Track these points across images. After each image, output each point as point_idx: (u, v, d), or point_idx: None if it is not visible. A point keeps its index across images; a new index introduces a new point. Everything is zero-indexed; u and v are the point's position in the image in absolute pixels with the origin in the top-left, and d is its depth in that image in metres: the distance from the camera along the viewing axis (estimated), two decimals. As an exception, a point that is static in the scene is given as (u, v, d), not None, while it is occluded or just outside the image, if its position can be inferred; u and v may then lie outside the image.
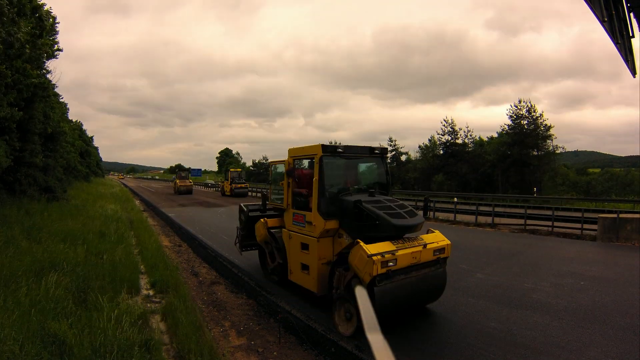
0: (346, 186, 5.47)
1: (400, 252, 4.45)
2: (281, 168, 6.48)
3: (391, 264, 4.31)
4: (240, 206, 7.57)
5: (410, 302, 4.79)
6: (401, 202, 5.16)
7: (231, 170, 32.20)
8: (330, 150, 5.22)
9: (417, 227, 4.82)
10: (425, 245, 4.77)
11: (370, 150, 5.70)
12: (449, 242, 5.10)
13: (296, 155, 5.80)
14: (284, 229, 5.98)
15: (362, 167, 6.07)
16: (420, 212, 5.34)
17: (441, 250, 4.97)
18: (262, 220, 6.59)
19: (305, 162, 6.15)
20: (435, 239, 5.06)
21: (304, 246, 5.38)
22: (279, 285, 6.32)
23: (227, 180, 30.33)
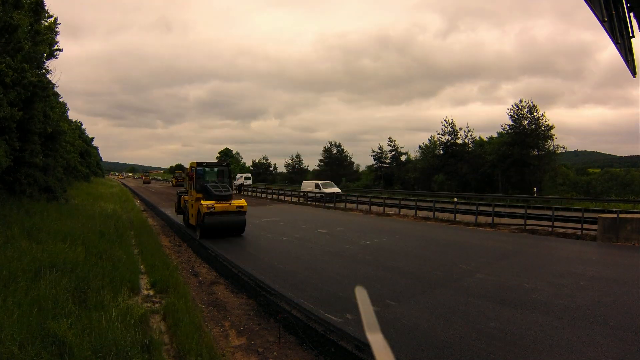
0: (205, 179, 12.29)
1: (217, 204, 10.84)
2: (190, 168, 12.97)
3: (211, 208, 10.71)
4: (177, 191, 15.39)
5: (223, 228, 11.06)
6: (227, 185, 11.89)
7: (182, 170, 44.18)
8: (199, 164, 12.38)
9: (228, 196, 11.36)
10: (230, 203, 11.15)
11: (220, 164, 13.24)
12: (246, 203, 11.46)
13: (191, 165, 12.58)
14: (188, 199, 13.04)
15: (215, 170, 12.91)
16: (234, 191, 12.86)
17: (241, 207, 11.27)
18: (183, 197, 14.07)
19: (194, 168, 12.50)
20: (240, 202, 11.35)
21: (191, 205, 12.27)
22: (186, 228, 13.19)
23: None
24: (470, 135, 39.26)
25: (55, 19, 14.35)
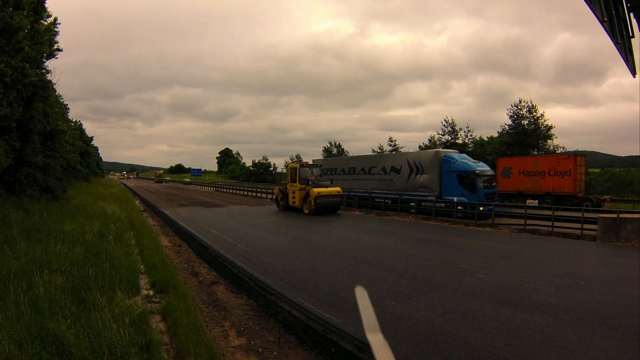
0: (309, 177, 18.12)
1: (324, 190, 17.28)
2: (291, 168, 19.08)
3: (320, 192, 17.04)
4: (278, 187, 20.37)
5: (328, 206, 17.31)
6: (327, 180, 19.23)
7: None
8: (301, 164, 19.04)
9: (327, 185, 18.03)
10: (330, 190, 17.64)
11: (315, 165, 20.13)
12: (340, 189, 18.30)
13: (292, 166, 19.25)
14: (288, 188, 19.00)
15: (315, 170, 19.07)
16: (330, 182, 19.16)
17: (338, 191, 17.92)
18: (280, 188, 20.02)
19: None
20: (337, 188, 18.03)
21: (293, 193, 18.30)
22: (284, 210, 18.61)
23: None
24: (471, 135, 39.31)
25: (55, 18, 14.35)
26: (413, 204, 17.45)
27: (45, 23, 13.31)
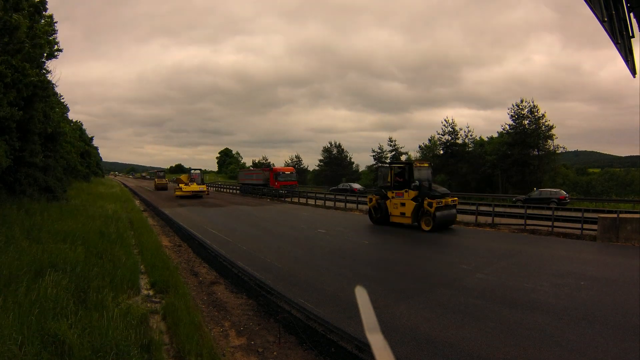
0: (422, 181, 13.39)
1: (443, 200, 12.61)
2: (396, 167, 14.47)
3: (440, 203, 12.42)
4: (372, 197, 14.74)
5: (446, 220, 12.82)
6: (444, 188, 13.94)
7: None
8: (414, 163, 13.93)
9: (447, 195, 13.07)
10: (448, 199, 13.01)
11: (430, 165, 14.65)
12: (456, 198, 14.15)
13: (399, 165, 15.44)
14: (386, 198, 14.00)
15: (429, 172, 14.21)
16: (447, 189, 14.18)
17: (454, 200, 13.41)
18: (374, 196, 14.71)
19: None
20: (453, 198, 13.58)
21: (402, 204, 13.31)
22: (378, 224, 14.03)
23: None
24: (471, 135, 39.29)
25: (51, 15, 14.33)
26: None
27: (43, 22, 13.32)
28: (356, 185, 33.12)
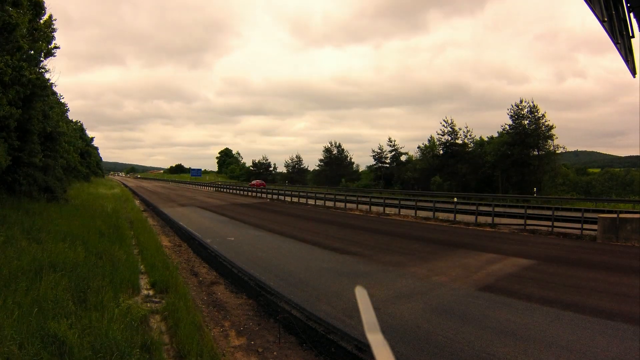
0: None
1: None
2: None
3: None
4: None
5: None
6: None
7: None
8: None
9: None
10: None
11: None
12: None
13: None
14: None
15: None
16: None
17: None
18: None
19: None
20: None
21: None
22: None
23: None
24: (470, 135, 39.30)
25: (50, 15, 14.30)
26: None
27: (41, 21, 13.29)
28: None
